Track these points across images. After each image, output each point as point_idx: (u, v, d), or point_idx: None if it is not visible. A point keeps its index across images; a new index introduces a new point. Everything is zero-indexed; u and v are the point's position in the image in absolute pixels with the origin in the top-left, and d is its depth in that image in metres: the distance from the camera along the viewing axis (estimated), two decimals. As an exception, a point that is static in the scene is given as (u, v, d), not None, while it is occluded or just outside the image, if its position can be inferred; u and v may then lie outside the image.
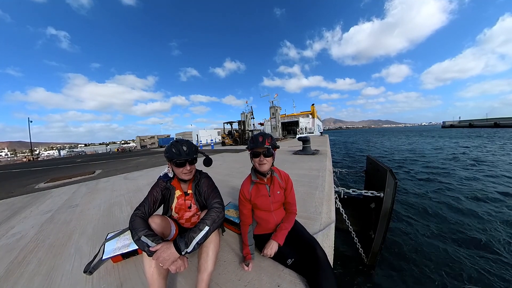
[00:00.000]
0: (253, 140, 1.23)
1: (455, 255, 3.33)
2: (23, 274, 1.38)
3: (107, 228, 2.01)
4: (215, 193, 1.22)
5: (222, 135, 17.34)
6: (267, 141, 1.19)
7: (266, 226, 1.32)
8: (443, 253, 3.41)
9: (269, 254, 1.18)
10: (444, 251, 3.47)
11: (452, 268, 3.05)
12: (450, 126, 75.09)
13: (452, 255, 3.33)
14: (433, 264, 3.17)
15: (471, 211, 4.87)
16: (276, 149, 1.27)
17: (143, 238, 0.90)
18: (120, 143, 74.11)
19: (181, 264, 0.89)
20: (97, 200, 3.07)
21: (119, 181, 4.47)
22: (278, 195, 1.29)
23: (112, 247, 1.38)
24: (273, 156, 1.24)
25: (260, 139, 1.21)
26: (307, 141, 6.01)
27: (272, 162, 1.25)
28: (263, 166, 1.21)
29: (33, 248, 1.74)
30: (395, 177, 3.10)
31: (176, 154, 1.12)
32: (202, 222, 0.97)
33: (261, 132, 1.27)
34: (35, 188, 4.65)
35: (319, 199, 2.24)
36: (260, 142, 1.20)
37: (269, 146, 1.19)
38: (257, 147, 1.20)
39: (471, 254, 3.33)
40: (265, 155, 1.20)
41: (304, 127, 22.60)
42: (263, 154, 1.19)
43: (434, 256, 3.35)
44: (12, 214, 2.77)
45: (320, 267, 1.03)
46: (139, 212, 1.05)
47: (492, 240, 3.65)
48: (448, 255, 3.34)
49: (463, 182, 7.33)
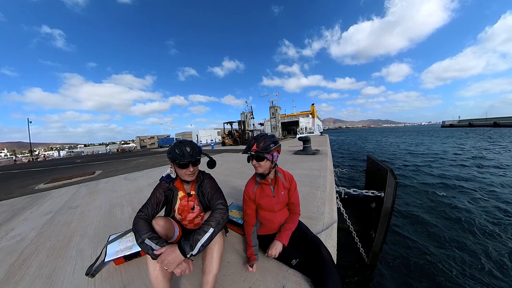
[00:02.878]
0: (248, 143, 1.22)
1: (455, 255, 3.33)
2: (24, 277, 1.36)
3: (108, 229, 1.99)
4: (219, 194, 1.21)
5: (222, 135, 17.33)
6: (255, 146, 1.16)
7: (270, 227, 1.31)
8: (444, 253, 3.42)
9: (274, 255, 1.17)
10: (444, 251, 3.47)
11: (453, 268, 3.05)
12: (449, 125, 75.35)
13: (452, 255, 3.33)
14: (433, 264, 3.17)
15: (476, 213, 4.86)
16: (273, 152, 1.19)
17: (147, 241, 0.88)
18: (120, 144, 73.99)
19: (186, 267, 0.88)
20: (97, 201, 3.05)
21: (120, 182, 4.45)
22: (282, 196, 1.29)
23: (114, 249, 1.37)
24: (267, 159, 1.17)
25: (252, 143, 1.19)
26: (307, 141, 6.01)
27: (270, 165, 1.21)
28: (257, 169, 1.21)
29: (34, 250, 1.73)
30: (395, 176, 3.11)
31: (180, 156, 1.11)
32: (207, 224, 0.96)
33: (258, 135, 1.24)
34: (35, 189, 4.63)
35: (321, 199, 2.23)
36: (249, 146, 1.18)
37: (257, 151, 1.14)
38: (246, 151, 1.19)
39: (472, 254, 3.33)
40: (256, 159, 1.18)
41: (304, 127, 22.62)
42: (254, 158, 1.18)
43: (435, 256, 3.36)
44: (12, 215, 2.75)
45: (325, 267, 1.02)
46: (142, 214, 1.03)
47: (494, 240, 3.65)
48: (448, 255, 3.35)
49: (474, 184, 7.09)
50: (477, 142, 19.79)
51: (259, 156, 1.16)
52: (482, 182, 7.13)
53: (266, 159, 1.17)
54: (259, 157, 1.16)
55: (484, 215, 4.64)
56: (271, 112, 20.16)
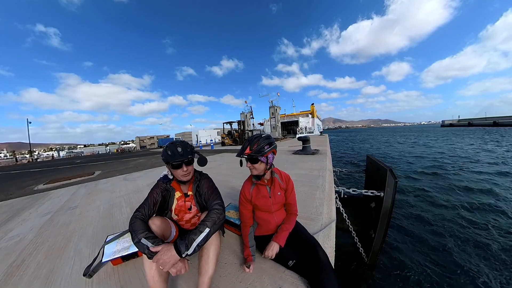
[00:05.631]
0: (242, 145, 1.20)
1: (456, 255, 3.32)
2: (22, 278, 1.36)
3: (106, 230, 1.99)
4: (215, 194, 1.21)
5: (221, 135, 17.34)
6: (249, 149, 1.14)
7: (267, 227, 1.31)
8: (444, 253, 3.41)
9: (270, 256, 1.17)
10: (445, 251, 3.47)
11: (453, 268, 3.05)
12: (449, 125, 75.31)
13: (453, 255, 3.33)
14: (433, 263, 3.17)
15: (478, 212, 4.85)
16: (268, 154, 1.17)
17: (143, 240, 0.89)
18: (119, 144, 73.98)
19: (182, 266, 0.88)
20: (96, 202, 3.05)
21: (119, 182, 4.45)
22: (278, 196, 1.29)
23: (111, 250, 1.37)
24: (262, 161, 1.15)
25: (245, 145, 1.17)
26: (307, 140, 6.01)
27: (265, 167, 1.18)
28: (251, 171, 1.20)
29: (32, 251, 1.73)
30: (395, 176, 3.10)
31: (171, 156, 1.10)
32: (203, 224, 0.96)
33: (252, 136, 1.21)
34: (34, 189, 4.64)
35: (320, 200, 2.23)
36: (243, 148, 1.17)
37: (250, 153, 1.13)
38: (239, 155, 1.18)
39: (473, 255, 3.32)
40: (251, 161, 1.16)
41: (303, 127, 22.61)
42: (248, 160, 1.17)
43: (435, 255, 3.35)
44: (11, 216, 2.76)
45: (322, 269, 1.02)
46: (139, 214, 1.03)
47: (496, 241, 3.64)
48: (449, 255, 3.34)
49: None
50: (486, 142, 18.92)
51: (253, 158, 1.15)
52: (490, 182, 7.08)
53: (260, 161, 1.16)
54: (253, 159, 1.15)
55: (484, 214, 4.64)
56: (271, 112, 20.15)
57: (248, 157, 1.15)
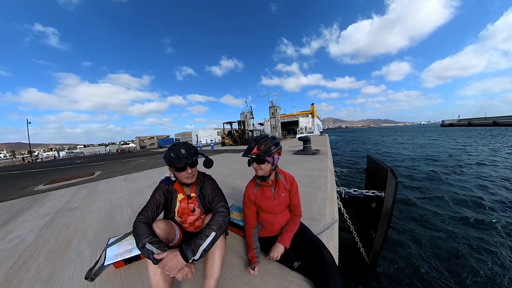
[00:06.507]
0: (248, 145, 1.19)
1: (456, 255, 3.32)
2: (23, 281, 1.34)
3: (107, 231, 1.98)
4: (220, 196, 1.19)
5: (222, 135, 17.31)
6: (256, 148, 1.13)
7: (271, 229, 1.30)
8: (445, 253, 3.41)
9: (276, 257, 1.15)
10: (445, 251, 3.47)
11: (454, 268, 3.05)
12: (449, 125, 75.47)
13: (453, 255, 3.33)
14: (434, 263, 3.16)
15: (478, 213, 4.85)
16: (274, 154, 1.16)
17: (147, 245, 0.87)
18: (119, 144, 73.78)
19: (188, 271, 0.87)
20: (97, 203, 3.03)
21: (119, 183, 4.43)
22: (283, 197, 1.27)
23: (114, 253, 1.35)
24: (268, 162, 1.14)
25: (252, 145, 1.16)
26: (307, 141, 6.00)
27: (271, 167, 1.18)
28: (257, 172, 1.18)
29: (33, 253, 1.71)
30: (396, 176, 3.09)
31: (175, 159, 1.09)
32: (208, 227, 0.94)
33: (258, 136, 1.20)
34: (34, 190, 4.61)
35: (322, 200, 2.22)
36: (250, 148, 1.15)
37: (257, 153, 1.11)
38: (246, 154, 1.17)
39: (473, 255, 3.32)
40: (257, 161, 1.14)
41: (304, 127, 22.62)
42: (255, 160, 1.15)
43: (436, 255, 3.35)
44: (11, 217, 2.73)
45: (328, 270, 1.01)
46: (143, 218, 1.02)
47: (496, 241, 3.64)
48: (449, 255, 3.34)
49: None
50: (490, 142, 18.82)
51: (259, 158, 1.13)
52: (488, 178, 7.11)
53: (267, 161, 1.14)
54: (260, 159, 1.13)
55: (488, 214, 4.63)
56: (271, 112, 20.14)
57: (255, 157, 1.14)
